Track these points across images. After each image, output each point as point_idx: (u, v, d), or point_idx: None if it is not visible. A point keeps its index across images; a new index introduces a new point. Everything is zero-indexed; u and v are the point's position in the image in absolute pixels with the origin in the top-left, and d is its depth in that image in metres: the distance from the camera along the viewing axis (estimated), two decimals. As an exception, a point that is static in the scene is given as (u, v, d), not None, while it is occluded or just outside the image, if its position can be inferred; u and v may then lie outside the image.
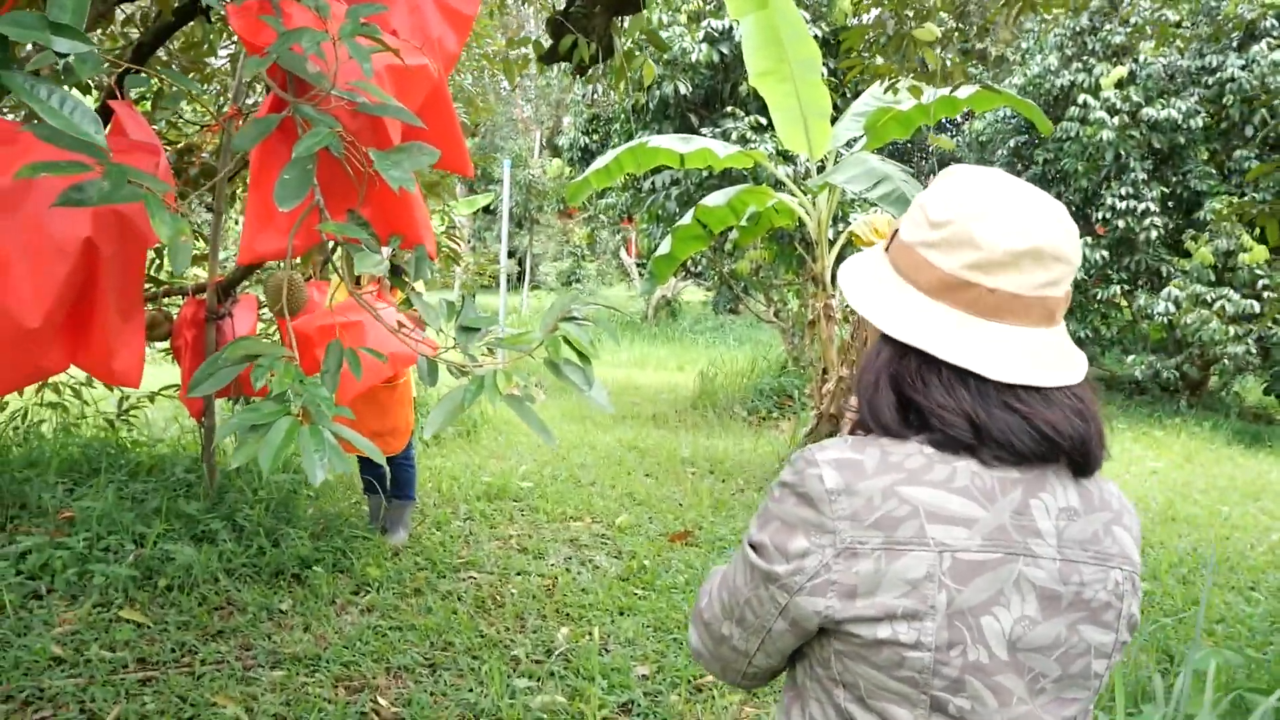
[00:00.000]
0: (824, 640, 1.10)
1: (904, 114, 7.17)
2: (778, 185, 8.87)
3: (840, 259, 10.66)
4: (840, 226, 9.24)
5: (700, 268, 16.08)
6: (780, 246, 9.51)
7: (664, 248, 8.40)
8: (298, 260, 5.54)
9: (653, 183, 9.73)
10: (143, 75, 2.69)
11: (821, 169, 7.95)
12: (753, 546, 1.13)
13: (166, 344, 5.30)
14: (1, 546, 4.26)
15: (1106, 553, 1.09)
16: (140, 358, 2.56)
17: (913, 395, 1.10)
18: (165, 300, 5.40)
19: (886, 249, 1.19)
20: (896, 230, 1.18)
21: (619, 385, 12.18)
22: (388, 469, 5.35)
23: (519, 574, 4.92)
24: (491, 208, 22.66)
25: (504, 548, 5.40)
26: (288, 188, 1.90)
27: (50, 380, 6.32)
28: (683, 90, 9.64)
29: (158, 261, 5.76)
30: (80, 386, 6.37)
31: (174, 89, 4.65)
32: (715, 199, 7.85)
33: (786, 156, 8.81)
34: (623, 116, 10.86)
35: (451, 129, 2.73)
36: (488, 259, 10.87)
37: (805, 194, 7.95)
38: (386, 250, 3.34)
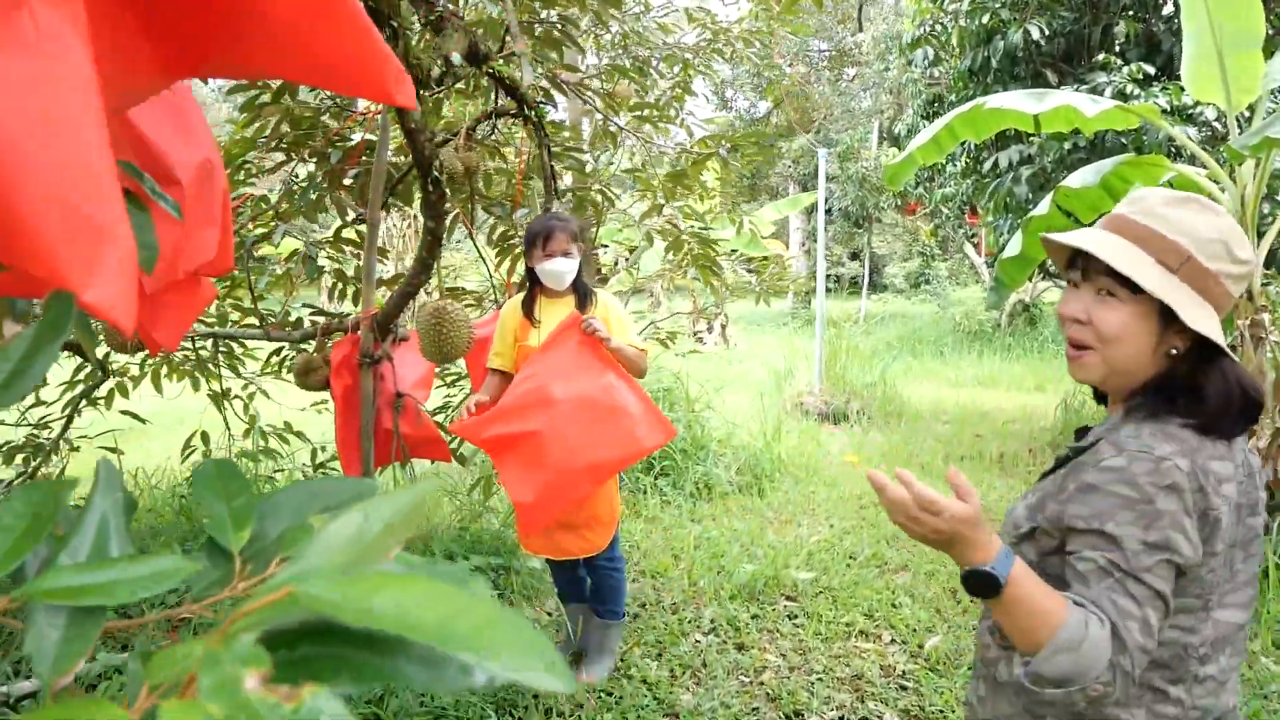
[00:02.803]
0: None
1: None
2: (1176, 154, 6.46)
3: (1274, 254, 7.89)
4: (1266, 207, 6.64)
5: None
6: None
7: (1013, 246, 6.28)
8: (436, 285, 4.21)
9: (995, 162, 7.55)
10: None
11: (1247, 124, 5.53)
12: None
13: (327, 392, 4.12)
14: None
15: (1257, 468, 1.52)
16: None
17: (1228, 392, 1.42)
18: (325, 339, 4.23)
19: (1174, 270, 1.42)
20: (1188, 255, 1.41)
21: (960, 412, 10.01)
22: (585, 577, 3.88)
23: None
24: (828, 206, 20.90)
25: (747, 689, 3.73)
26: None
27: (258, 423, 5.44)
28: (1035, 36, 7.35)
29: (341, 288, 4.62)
30: (282, 433, 5.43)
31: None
32: (1083, 177, 5.67)
33: (1186, 115, 6.40)
34: (955, 76, 8.68)
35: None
36: (797, 268, 9.09)
37: (1221, 163, 5.58)
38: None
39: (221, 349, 5.13)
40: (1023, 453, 8.25)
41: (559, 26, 4.65)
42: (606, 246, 12.06)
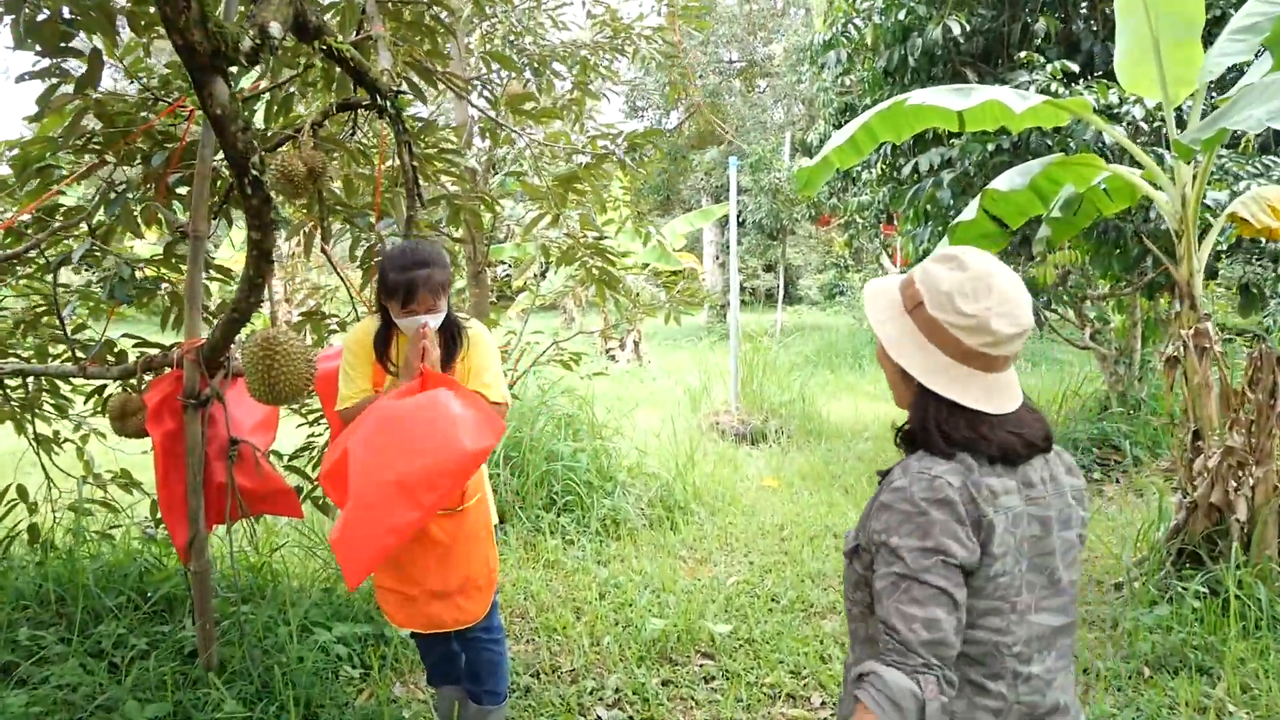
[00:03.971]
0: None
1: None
2: (1107, 155, 6.10)
3: (1218, 255, 7.58)
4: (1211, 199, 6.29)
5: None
6: (1099, 243, 6.71)
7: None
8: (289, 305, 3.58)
9: (915, 166, 7.11)
10: None
11: (1182, 123, 5.18)
12: None
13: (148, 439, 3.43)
14: None
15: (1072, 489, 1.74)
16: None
17: (949, 431, 1.62)
18: (147, 375, 3.55)
19: (908, 311, 1.67)
20: (919, 301, 1.64)
21: (880, 428, 9.59)
22: (460, 652, 3.28)
23: None
24: (741, 219, 20.51)
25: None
26: None
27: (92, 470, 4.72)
28: (955, 32, 6.90)
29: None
30: (118, 481, 4.69)
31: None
32: (1010, 180, 5.25)
33: (1113, 115, 6.04)
34: (871, 79, 8.23)
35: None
36: (708, 283, 8.52)
37: (1159, 161, 5.21)
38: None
39: (45, 388, 4.40)
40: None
41: (430, 10, 4.05)
42: (504, 264, 11.45)
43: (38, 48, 3.09)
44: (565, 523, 5.86)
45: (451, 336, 3.05)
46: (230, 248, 11.67)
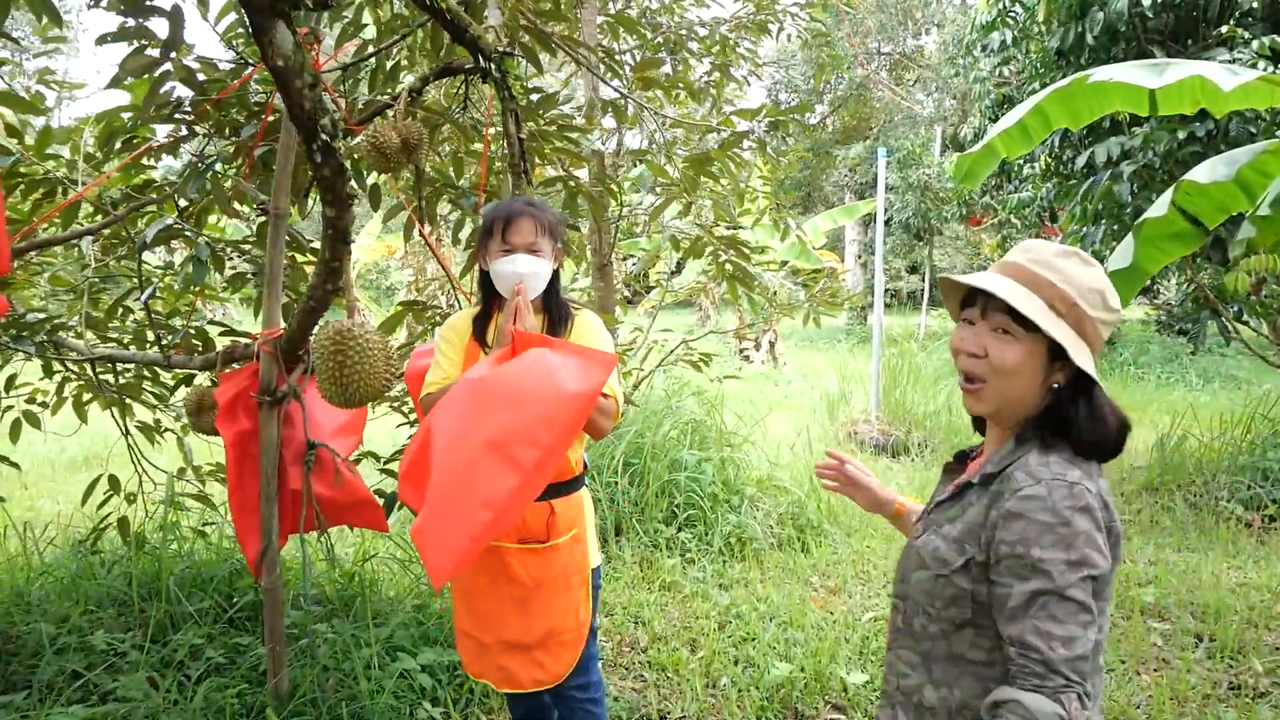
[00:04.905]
0: None
1: None
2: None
3: None
4: None
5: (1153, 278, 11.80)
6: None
7: (1121, 257, 5.04)
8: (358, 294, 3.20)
9: (1091, 158, 6.34)
10: None
11: None
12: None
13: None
14: None
15: None
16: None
17: (1100, 430, 1.58)
18: (226, 367, 3.24)
19: (1061, 314, 1.56)
20: (1074, 302, 1.56)
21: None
22: (551, 706, 2.84)
23: None
24: (887, 217, 19.67)
25: None
26: None
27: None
28: (1144, 4, 6.07)
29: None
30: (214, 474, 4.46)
31: None
32: (1213, 170, 4.52)
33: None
34: (1041, 61, 7.42)
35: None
36: (850, 284, 7.90)
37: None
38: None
39: (145, 375, 4.19)
40: (1115, 496, 7.02)
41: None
42: (633, 258, 11.00)
43: (120, 5, 2.81)
44: (685, 539, 5.39)
45: (557, 316, 2.64)
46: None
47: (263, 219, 3.39)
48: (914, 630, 1.64)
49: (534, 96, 3.37)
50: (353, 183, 3.43)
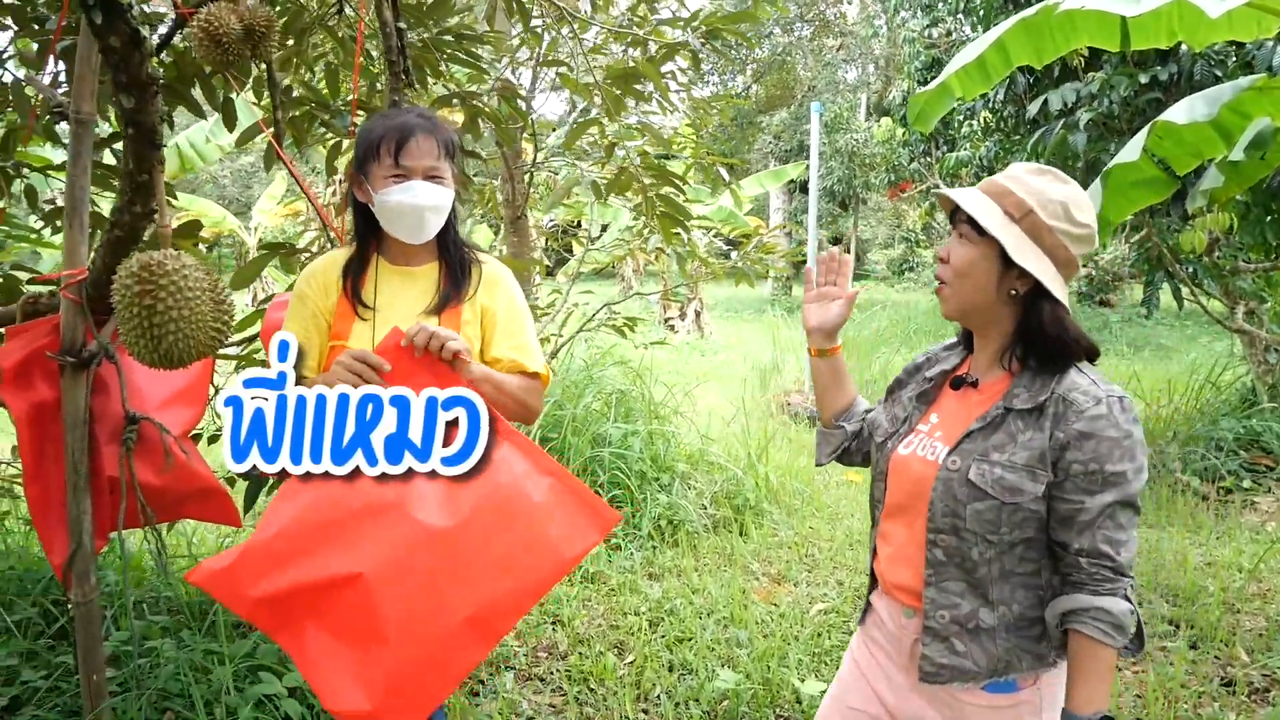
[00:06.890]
0: None
1: None
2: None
3: None
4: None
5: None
6: (1268, 199, 5.46)
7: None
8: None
9: (1045, 105, 5.86)
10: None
11: None
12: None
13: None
14: None
15: None
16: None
17: (1085, 338, 1.62)
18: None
19: (1016, 220, 1.59)
20: (1029, 209, 1.58)
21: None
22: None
23: None
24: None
25: None
26: None
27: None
28: None
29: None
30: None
31: None
32: (1191, 109, 4.04)
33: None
34: (985, 7, 6.91)
35: None
36: (782, 247, 7.37)
37: None
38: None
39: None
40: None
41: None
42: (553, 220, 10.30)
43: None
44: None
45: (456, 264, 2.04)
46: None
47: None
48: (969, 560, 1.62)
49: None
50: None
